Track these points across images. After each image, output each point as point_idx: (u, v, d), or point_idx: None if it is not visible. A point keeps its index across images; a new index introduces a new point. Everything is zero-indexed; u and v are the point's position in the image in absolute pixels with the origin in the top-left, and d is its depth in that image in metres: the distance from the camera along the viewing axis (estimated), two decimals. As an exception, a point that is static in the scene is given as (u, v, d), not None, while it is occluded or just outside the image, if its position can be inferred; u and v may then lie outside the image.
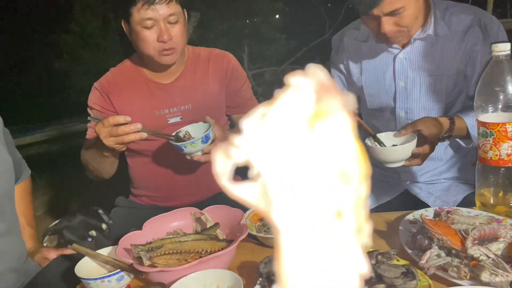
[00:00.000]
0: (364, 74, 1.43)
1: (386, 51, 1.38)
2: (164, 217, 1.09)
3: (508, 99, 0.96)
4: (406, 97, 1.35)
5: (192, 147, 1.21)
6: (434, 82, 1.31)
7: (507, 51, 0.95)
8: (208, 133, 1.22)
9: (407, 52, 1.34)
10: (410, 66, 1.34)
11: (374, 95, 1.43)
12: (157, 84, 1.50)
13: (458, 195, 1.30)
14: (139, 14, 1.33)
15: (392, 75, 1.37)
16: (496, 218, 0.95)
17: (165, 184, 1.55)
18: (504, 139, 0.96)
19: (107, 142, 1.20)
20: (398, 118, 1.39)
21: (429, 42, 1.31)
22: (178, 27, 1.37)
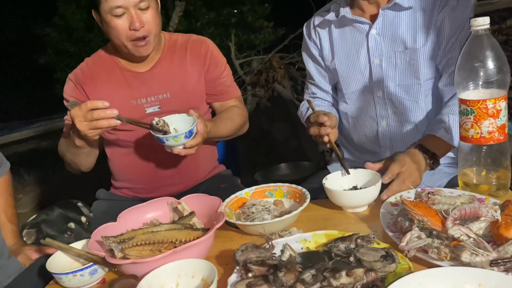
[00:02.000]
0: (337, 57, 1.40)
1: (357, 29, 1.35)
2: (140, 208, 1.06)
3: (488, 75, 0.93)
4: (382, 75, 1.32)
5: (174, 141, 1.18)
6: (409, 57, 1.27)
7: (486, 26, 0.92)
8: (192, 129, 1.18)
9: (379, 27, 1.30)
10: (383, 42, 1.31)
11: (349, 78, 1.39)
12: (133, 73, 1.46)
13: (443, 179, 1.28)
14: (107, 3, 1.29)
15: (367, 53, 1.34)
16: (478, 197, 0.93)
17: (145, 176, 1.52)
18: (485, 116, 0.94)
19: (80, 126, 1.16)
20: (375, 99, 1.35)
21: (400, 14, 1.27)
22: (150, 13, 1.33)
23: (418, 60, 1.27)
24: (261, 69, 4.54)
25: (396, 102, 1.33)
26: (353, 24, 1.35)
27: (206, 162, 1.58)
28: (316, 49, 1.48)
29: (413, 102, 1.31)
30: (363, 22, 1.33)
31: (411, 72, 1.29)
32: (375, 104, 1.36)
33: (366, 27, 1.33)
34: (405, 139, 1.35)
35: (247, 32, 6.78)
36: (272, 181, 2.51)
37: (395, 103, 1.33)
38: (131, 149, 1.50)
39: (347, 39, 1.38)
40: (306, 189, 1.09)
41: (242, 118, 1.54)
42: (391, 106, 1.34)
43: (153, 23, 1.34)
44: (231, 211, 1.07)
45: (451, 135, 1.18)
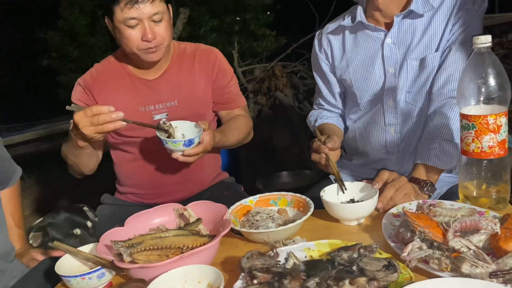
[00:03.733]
0: (351, 67, 1.40)
1: (372, 38, 1.35)
2: (147, 213, 1.08)
3: (489, 91, 0.95)
4: (395, 84, 1.32)
5: (173, 146, 1.20)
6: (422, 64, 1.28)
7: (488, 44, 0.95)
8: (193, 139, 1.21)
9: (394, 35, 1.31)
10: (398, 50, 1.31)
11: (364, 88, 1.39)
12: (142, 80, 1.49)
13: (442, 188, 1.29)
14: (122, 13, 1.31)
15: (382, 62, 1.34)
16: (478, 210, 0.95)
17: (151, 181, 1.54)
18: (486, 131, 0.96)
19: (87, 131, 1.19)
20: (385, 107, 1.36)
21: (415, 22, 1.28)
22: (163, 25, 1.36)
23: (430, 67, 1.27)
24: (263, 77, 4.57)
25: (406, 110, 1.34)
26: (368, 32, 1.36)
27: (210, 169, 1.61)
28: (327, 64, 1.48)
29: (422, 110, 1.32)
30: (379, 30, 1.33)
31: (423, 80, 1.30)
32: (385, 113, 1.37)
33: (381, 35, 1.33)
34: (413, 146, 1.36)
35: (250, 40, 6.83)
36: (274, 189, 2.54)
37: (405, 111, 1.34)
38: (138, 155, 1.52)
39: (361, 48, 1.38)
40: (309, 198, 1.11)
41: (248, 127, 1.57)
42: (401, 114, 1.35)
43: (165, 35, 1.37)
44: (236, 218, 1.09)
45: (443, 161, 1.19)
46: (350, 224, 1.07)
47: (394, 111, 1.35)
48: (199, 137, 1.24)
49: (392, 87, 1.33)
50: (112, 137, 1.51)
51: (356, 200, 1.13)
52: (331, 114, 1.54)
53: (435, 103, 1.27)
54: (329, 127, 1.46)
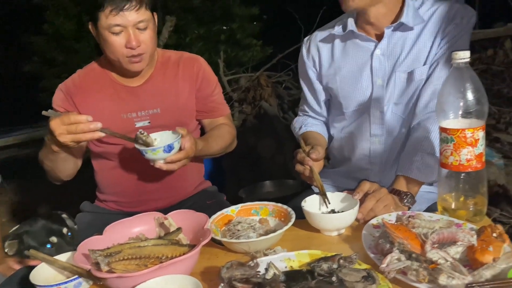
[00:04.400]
0: (339, 76, 1.40)
1: (362, 48, 1.36)
2: (126, 222, 1.06)
3: (467, 105, 0.98)
4: (382, 95, 1.33)
5: (153, 154, 1.19)
6: (408, 75, 1.30)
7: (466, 59, 0.97)
8: (172, 144, 1.20)
9: (383, 47, 1.32)
10: (387, 62, 1.32)
11: (350, 97, 1.39)
12: (125, 87, 1.48)
13: (422, 204, 1.30)
14: (107, 20, 1.30)
15: (370, 73, 1.35)
16: (456, 222, 0.97)
17: (132, 190, 1.52)
18: (464, 144, 0.98)
19: (63, 139, 1.17)
20: (371, 118, 1.37)
21: (405, 34, 1.30)
22: (148, 33, 1.35)
23: (418, 80, 1.29)
24: (249, 87, 4.59)
25: (392, 122, 1.35)
26: (358, 42, 1.36)
27: (192, 178, 1.60)
28: (314, 71, 1.48)
29: (407, 122, 1.34)
30: (369, 40, 1.34)
31: (410, 93, 1.31)
32: (371, 123, 1.37)
33: (372, 46, 1.34)
34: (395, 157, 1.38)
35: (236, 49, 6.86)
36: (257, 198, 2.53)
37: (391, 123, 1.36)
38: (119, 162, 1.50)
39: (350, 57, 1.39)
40: (291, 208, 1.11)
41: (231, 136, 1.57)
42: (387, 126, 1.36)
43: (149, 43, 1.36)
44: (217, 228, 1.08)
45: (424, 174, 1.20)
46: (331, 235, 1.08)
47: (380, 122, 1.36)
48: (179, 142, 1.23)
49: (379, 98, 1.34)
50: (94, 145, 1.49)
51: (337, 210, 1.13)
52: (315, 121, 1.55)
53: (419, 116, 1.29)
54: (313, 135, 1.47)
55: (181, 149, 1.24)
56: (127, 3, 1.29)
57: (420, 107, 1.29)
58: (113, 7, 1.28)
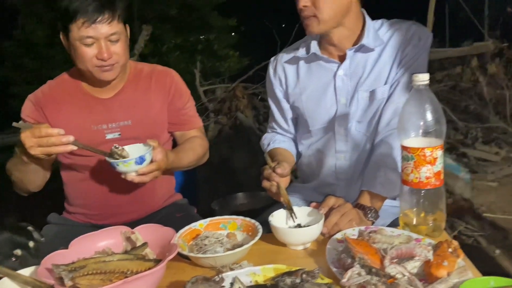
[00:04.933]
0: (304, 95, 1.44)
1: (325, 69, 1.40)
2: (92, 236, 1.06)
3: (427, 125, 1.02)
4: (346, 113, 1.38)
5: (124, 166, 1.19)
6: (370, 94, 1.35)
7: (425, 81, 1.02)
8: (144, 155, 1.20)
9: (346, 68, 1.37)
10: (350, 82, 1.37)
11: (315, 116, 1.43)
12: (96, 98, 1.47)
13: (386, 219, 1.34)
14: (79, 32, 1.30)
15: (333, 92, 1.39)
16: (415, 238, 1.00)
17: (101, 202, 1.51)
18: (424, 163, 1.03)
19: (34, 152, 1.16)
20: (337, 136, 1.41)
21: (366, 56, 1.35)
22: (120, 45, 1.36)
23: (379, 99, 1.34)
24: (225, 98, 4.61)
25: (356, 138, 1.40)
26: (322, 63, 1.41)
27: (162, 190, 1.59)
28: (281, 90, 1.52)
29: (371, 138, 1.38)
30: (332, 62, 1.39)
31: (373, 111, 1.36)
32: (336, 140, 1.42)
33: (334, 67, 1.39)
34: (360, 172, 1.42)
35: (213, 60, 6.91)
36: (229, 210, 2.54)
37: (355, 139, 1.40)
38: (88, 174, 1.49)
39: (314, 77, 1.43)
40: (262, 221, 1.13)
41: (203, 149, 1.58)
42: (351, 142, 1.40)
43: (121, 55, 1.37)
44: (184, 242, 1.09)
45: (387, 189, 1.25)
46: (297, 249, 1.10)
47: (344, 139, 1.40)
48: (150, 154, 1.23)
49: (343, 117, 1.39)
50: (63, 156, 1.48)
51: (303, 224, 1.16)
52: (283, 138, 1.58)
53: (382, 133, 1.34)
54: (280, 152, 1.50)
55: (152, 161, 1.24)
56: (99, 16, 1.29)
57: (382, 125, 1.34)
58: (85, 20, 1.28)
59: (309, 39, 1.45)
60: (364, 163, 1.40)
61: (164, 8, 6.84)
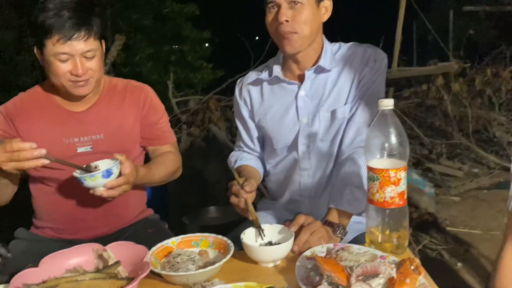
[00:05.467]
0: (268, 115, 1.50)
1: (287, 90, 1.46)
2: (63, 253, 1.05)
3: (391, 148, 1.08)
4: (308, 132, 1.44)
5: (91, 180, 1.19)
6: (331, 114, 1.41)
7: (390, 106, 1.08)
8: (111, 169, 1.20)
9: (307, 88, 1.43)
10: (311, 102, 1.43)
11: (279, 135, 1.49)
12: (69, 112, 1.47)
13: (350, 234, 1.37)
14: (54, 48, 1.30)
15: (296, 112, 1.45)
16: (380, 255, 1.05)
17: (70, 216, 1.49)
18: (388, 183, 1.08)
19: (5, 167, 1.15)
20: (300, 154, 1.46)
21: (325, 76, 1.42)
22: (95, 61, 1.37)
23: (340, 118, 1.40)
24: (198, 109, 4.61)
25: (319, 157, 1.45)
26: (284, 85, 1.47)
27: (133, 205, 1.59)
28: (247, 110, 1.57)
29: (333, 157, 1.44)
30: (293, 83, 1.45)
31: (334, 130, 1.42)
32: (300, 159, 1.47)
33: (296, 88, 1.45)
34: (324, 189, 1.47)
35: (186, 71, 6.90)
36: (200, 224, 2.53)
37: (318, 158, 1.45)
38: (57, 188, 1.48)
39: (277, 99, 1.49)
40: (233, 237, 1.16)
41: (176, 164, 1.59)
42: (314, 160, 1.46)
43: (96, 70, 1.37)
44: (156, 260, 1.10)
45: (354, 206, 1.29)
46: (268, 266, 1.13)
47: (308, 157, 1.46)
48: (117, 167, 1.24)
49: (306, 135, 1.44)
50: (33, 169, 1.46)
51: (274, 242, 1.19)
52: (250, 156, 1.62)
53: (346, 152, 1.39)
54: (247, 169, 1.53)
55: (121, 174, 1.25)
56: (75, 33, 1.30)
57: (346, 144, 1.40)
58: (61, 36, 1.28)
59: (271, 63, 1.51)
60: (327, 180, 1.46)
61: (138, 18, 6.80)
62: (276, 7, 1.33)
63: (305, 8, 1.32)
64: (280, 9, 1.32)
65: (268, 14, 1.36)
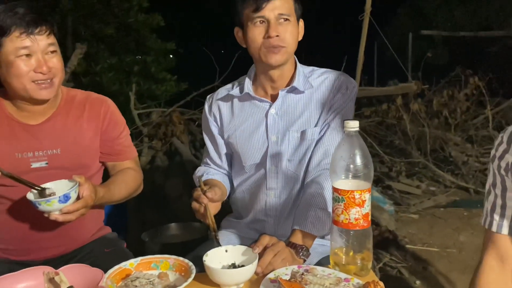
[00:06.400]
0: (237, 132, 1.48)
1: (258, 107, 1.46)
2: (11, 277, 0.98)
3: (356, 169, 1.08)
4: (277, 151, 1.43)
5: (47, 205, 1.13)
6: (301, 135, 1.42)
7: (355, 128, 1.09)
8: (69, 193, 1.15)
9: (278, 107, 1.43)
10: (281, 121, 1.43)
11: (248, 152, 1.47)
12: (23, 125, 1.39)
13: (314, 258, 1.37)
14: (13, 44, 1.25)
15: (265, 130, 1.44)
16: (344, 278, 1.04)
17: (21, 237, 1.40)
18: (353, 205, 1.08)
19: None
20: (268, 173, 1.45)
21: (297, 97, 1.43)
22: (57, 58, 1.34)
23: (309, 140, 1.40)
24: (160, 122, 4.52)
25: (286, 176, 1.44)
26: (255, 102, 1.46)
27: (90, 223, 1.52)
28: (216, 126, 1.54)
29: (301, 177, 1.43)
30: (264, 101, 1.44)
31: (303, 150, 1.42)
32: (267, 178, 1.45)
33: (267, 106, 1.44)
34: (289, 210, 1.45)
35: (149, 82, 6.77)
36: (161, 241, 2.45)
37: (285, 177, 1.44)
38: (7, 205, 1.39)
39: (248, 115, 1.47)
40: (195, 257, 1.12)
41: (137, 182, 1.54)
42: (282, 180, 1.44)
43: (59, 69, 1.34)
44: (113, 283, 1.04)
45: (318, 228, 1.29)
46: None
47: (275, 176, 1.44)
48: (76, 191, 1.18)
49: (275, 154, 1.44)
50: None
51: (238, 264, 1.16)
52: (217, 172, 1.59)
53: (312, 173, 1.39)
54: (213, 182, 1.50)
55: (79, 197, 1.19)
56: (37, 28, 1.27)
57: (313, 165, 1.40)
58: (21, 31, 1.25)
59: (242, 79, 1.51)
60: (293, 201, 1.45)
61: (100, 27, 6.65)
62: (264, 22, 1.35)
63: (291, 25, 1.36)
64: (271, 24, 1.33)
65: (254, 28, 1.36)
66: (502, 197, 1.08)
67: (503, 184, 1.07)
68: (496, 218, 1.08)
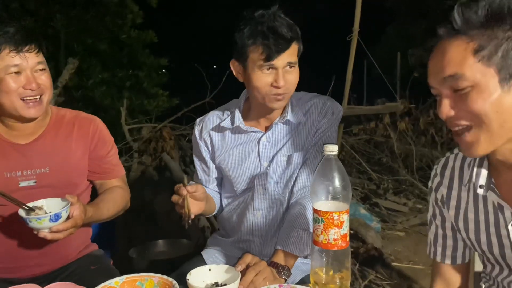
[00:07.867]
0: (229, 158, 1.51)
1: (250, 136, 1.49)
2: (-4, 296, 0.99)
3: (335, 191, 1.12)
4: (266, 174, 1.47)
5: (38, 223, 1.15)
6: (287, 158, 1.46)
7: (334, 152, 1.13)
8: (60, 213, 1.17)
9: (269, 135, 1.48)
10: (272, 148, 1.48)
11: (239, 178, 1.50)
12: (12, 144, 1.42)
13: (297, 276, 1.41)
14: (3, 62, 1.29)
15: (257, 156, 1.48)
16: (323, 297, 1.07)
17: (7, 254, 1.41)
18: (332, 225, 1.12)
19: None
20: (255, 194, 1.48)
21: (288, 126, 1.47)
22: (46, 75, 1.37)
23: (295, 163, 1.45)
24: (151, 137, 4.54)
25: (273, 198, 1.48)
26: (247, 132, 1.49)
27: (77, 241, 1.53)
28: (207, 151, 1.56)
29: (286, 199, 1.47)
30: (256, 131, 1.48)
31: (289, 173, 1.46)
32: (254, 198, 1.49)
33: (259, 135, 1.48)
34: (275, 230, 1.49)
35: (141, 97, 6.79)
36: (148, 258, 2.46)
37: (272, 199, 1.48)
38: (-5, 224, 1.40)
39: (240, 143, 1.50)
40: (181, 273, 1.15)
41: (124, 200, 1.56)
42: (268, 201, 1.48)
43: (48, 86, 1.37)
44: (97, 301, 1.06)
45: (300, 249, 1.33)
46: None
47: (262, 198, 1.48)
48: (67, 211, 1.20)
49: (263, 176, 1.48)
50: None
51: (220, 282, 1.18)
52: (207, 188, 1.61)
53: (296, 195, 1.44)
54: None
55: (69, 217, 1.21)
56: (26, 45, 1.31)
57: (297, 187, 1.44)
58: (11, 49, 1.29)
59: (232, 107, 1.52)
60: (279, 222, 1.48)
61: (93, 42, 6.70)
62: (272, 69, 1.34)
63: (296, 70, 1.38)
64: (279, 73, 1.33)
65: (262, 75, 1.34)
66: (442, 228, 1.15)
67: (442, 215, 1.14)
68: (438, 249, 1.15)
